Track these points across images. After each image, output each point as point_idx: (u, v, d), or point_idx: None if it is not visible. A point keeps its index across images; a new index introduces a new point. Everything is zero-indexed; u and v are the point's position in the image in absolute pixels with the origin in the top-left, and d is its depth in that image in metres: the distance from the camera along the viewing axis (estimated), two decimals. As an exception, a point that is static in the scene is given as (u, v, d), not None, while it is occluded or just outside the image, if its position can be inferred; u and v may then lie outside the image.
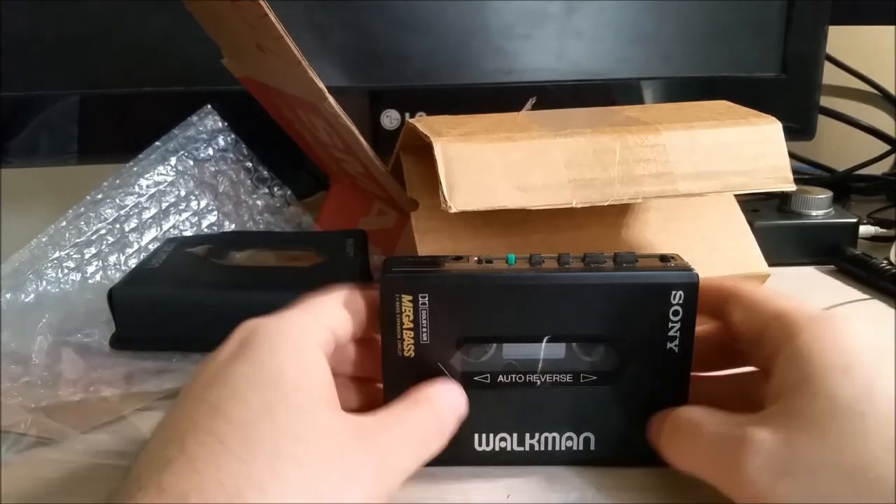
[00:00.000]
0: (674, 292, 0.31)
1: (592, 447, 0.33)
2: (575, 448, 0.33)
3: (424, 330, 0.31)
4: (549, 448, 0.33)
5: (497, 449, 0.33)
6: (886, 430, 0.25)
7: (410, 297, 0.30)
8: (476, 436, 0.33)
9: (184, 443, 0.25)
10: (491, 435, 0.33)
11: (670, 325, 0.31)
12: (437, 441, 0.30)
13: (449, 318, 0.31)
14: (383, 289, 0.31)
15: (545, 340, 0.32)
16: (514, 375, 0.32)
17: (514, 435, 0.33)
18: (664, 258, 0.32)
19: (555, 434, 0.33)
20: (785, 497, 0.26)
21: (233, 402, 0.26)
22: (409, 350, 0.31)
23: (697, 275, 0.31)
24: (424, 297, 0.30)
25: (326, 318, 0.30)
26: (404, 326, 0.31)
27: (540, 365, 0.32)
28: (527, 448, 0.33)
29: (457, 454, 0.32)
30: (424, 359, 0.31)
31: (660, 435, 0.32)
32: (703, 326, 0.34)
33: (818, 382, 0.27)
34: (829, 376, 0.27)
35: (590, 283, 0.31)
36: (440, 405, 0.31)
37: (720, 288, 0.33)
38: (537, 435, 0.33)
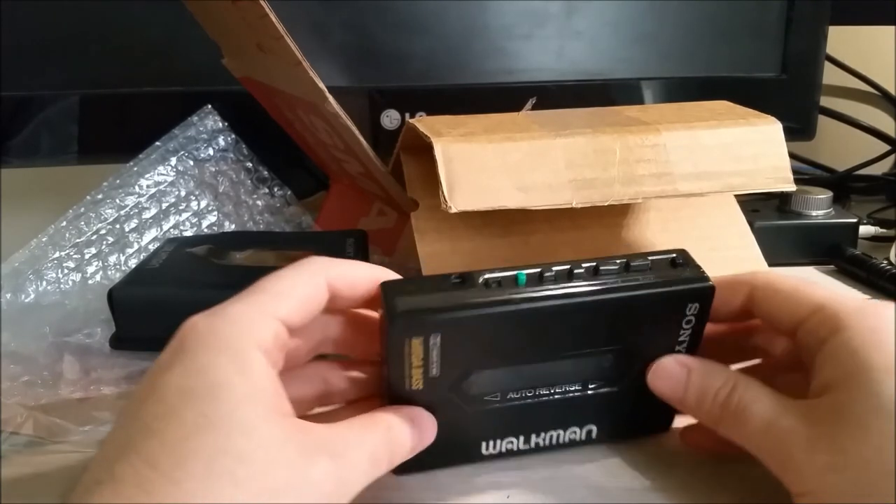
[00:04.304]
0: (690, 305, 0.30)
1: (595, 436, 0.34)
2: (578, 439, 0.33)
3: (434, 365, 0.29)
4: (554, 443, 0.33)
5: (504, 451, 0.33)
6: None
7: (421, 339, 0.28)
8: (483, 443, 0.32)
9: (113, 466, 0.23)
10: (499, 441, 0.33)
11: (682, 331, 0.31)
12: (386, 467, 0.29)
13: (461, 350, 0.29)
14: (392, 333, 0.28)
15: (559, 358, 0.31)
16: (524, 391, 0.32)
17: (521, 437, 0.33)
18: (675, 262, 0.31)
19: (560, 431, 0.33)
20: (831, 489, 0.26)
21: (165, 420, 0.24)
22: (417, 384, 0.29)
23: (713, 286, 0.30)
24: (436, 336, 0.28)
25: (275, 308, 0.28)
26: (413, 365, 0.29)
27: (549, 378, 0.32)
28: (532, 446, 0.33)
29: (464, 458, 0.32)
30: (433, 389, 0.30)
31: (689, 398, 0.31)
32: (710, 327, 0.34)
33: (863, 380, 0.27)
34: (874, 374, 0.27)
35: (606, 300, 0.29)
36: (396, 434, 0.29)
37: (739, 285, 0.32)
38: (543, 434, 0.33)
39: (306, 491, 0.25)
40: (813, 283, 0.31)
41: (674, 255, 0.31)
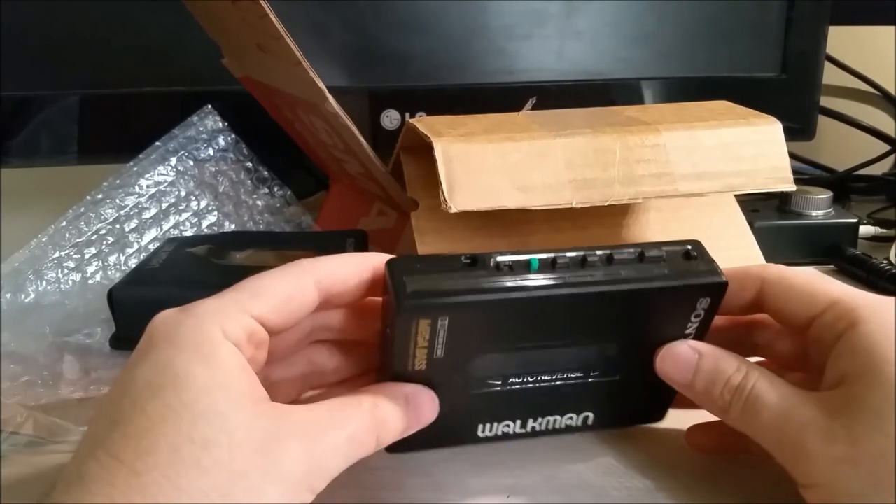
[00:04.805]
0: (701, 299, 0.30)
1: (591, 423, 0.34)
2: (574, 425, 0.33)
3: (440, 346, 0.28)
4: (550, 427, 0.33)
5: (500, 433, 0.33)
6: None
7: (429, 321, 0.27)
8: (480, 425, 0.32)
9: (81, 463, 0.23)
10: (495, 423, 0.33)
11: (689, 324, 0.31)
12: (374, 447, 0.28)
13: (468, 334, 0.29)
14: (401, 312, 0.27)
15: (564, 346, 0.31)
16: (526, 376, 0.32)
17: (518, 421, 0.33)
18: (689, 254, 0.30)
19: (556, 416, 0.33)
20: (845, 481, 0.26)
21: (130, 413, 0.24)
22: (420, 364, 0.29)
23: (726, 281, 0.30)
24: (445, 319, 0.27)
25: (252, 305, 0.27)
26: (419, 346, 0.28)
27: (551, 364, 0.32)
28: (528, 430, 0.33)
29: (458, 439, 0.32)
30: (436, 370, 0.29)
31: (697, 384, 0.30)
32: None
33: (881, 373, 0.26)
34: (892, 367, 0.26)
35: (620, 291, 0.29)
36: (384, 412, 0.28)
37: (748, 278, 0.31)
38: (540, 419, 0.33)
39: (275, 474, 0.24)
40: (826, 277, 0.31)
41: (688, 246, 0.30)
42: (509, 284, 0.28)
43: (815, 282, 0.30)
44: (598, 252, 0.29)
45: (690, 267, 0.30)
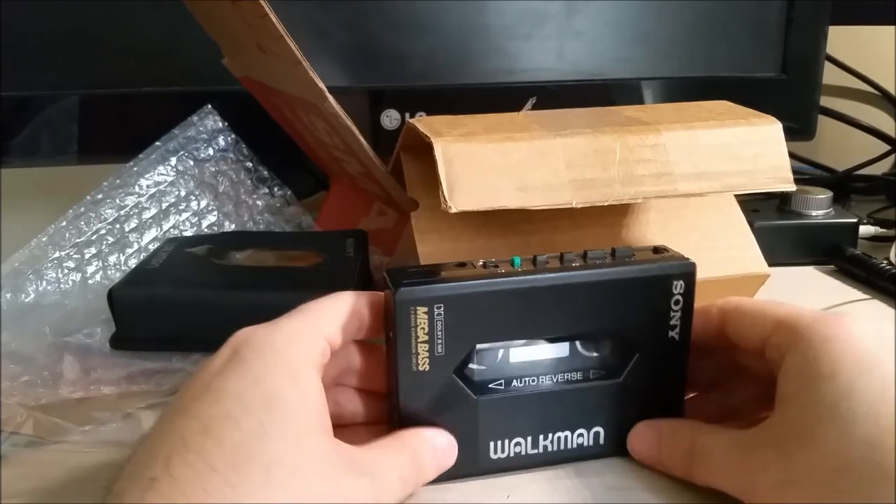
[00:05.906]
0: (675, 282, 0.32)
1: (602, 441, 0.34)
2: (586, 444, 0.33)
3: (439, 341, 0.30)
4: (562, 447, 0.33)
5: (512, 454, 0.33)
6: (865, 431, 0.26)
7: (426, 309, 0.30)
8: (492, 444, 0.32)
9: (170, 462, 0.24)
10: (506, 441, 0.33)
11: (672, 313, 0.32)
12: (412, 488, 0.30)
13: (463, 326, 0.31)
14: (398, 303, 0.29)
15: (556, 340, 0.33)
16: (527, 378, 0.33)
17: (529, 438, 0.33)
18: (657, 250, 0.33)
19: (567, 433, 0.33)
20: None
21: (224, 423, 0.25)
22: (423, 364, 0.31)
23: (694, 263, 0.32)
24: (440, 307, 0.30)
25: (323, 327, 0.30)
26: (419, 340, 0.30)
27: (551, 365, 0.33)
28: (541, 450, 0.33)
29: (474, 465, 0.32)
30: (440, 371, 0.31)
31: (663, 457, 0.32)
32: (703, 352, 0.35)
33: (811, 391, 0.28)
34: (817, 383, 0.27)
35: (598, 279, 0.32)
36: (422, 458, 0.30)
37: (712, 310, 0.33)
38: (550, 435, 0.33)
39: None
40: (779, 302, 0.32)
41: (655, 245, 0.34)
42: (494, 272, 0.31)
43: (765, 306, 0.32)
44: (574, 253, 0.32)
45: (659, 257, 0.33)
